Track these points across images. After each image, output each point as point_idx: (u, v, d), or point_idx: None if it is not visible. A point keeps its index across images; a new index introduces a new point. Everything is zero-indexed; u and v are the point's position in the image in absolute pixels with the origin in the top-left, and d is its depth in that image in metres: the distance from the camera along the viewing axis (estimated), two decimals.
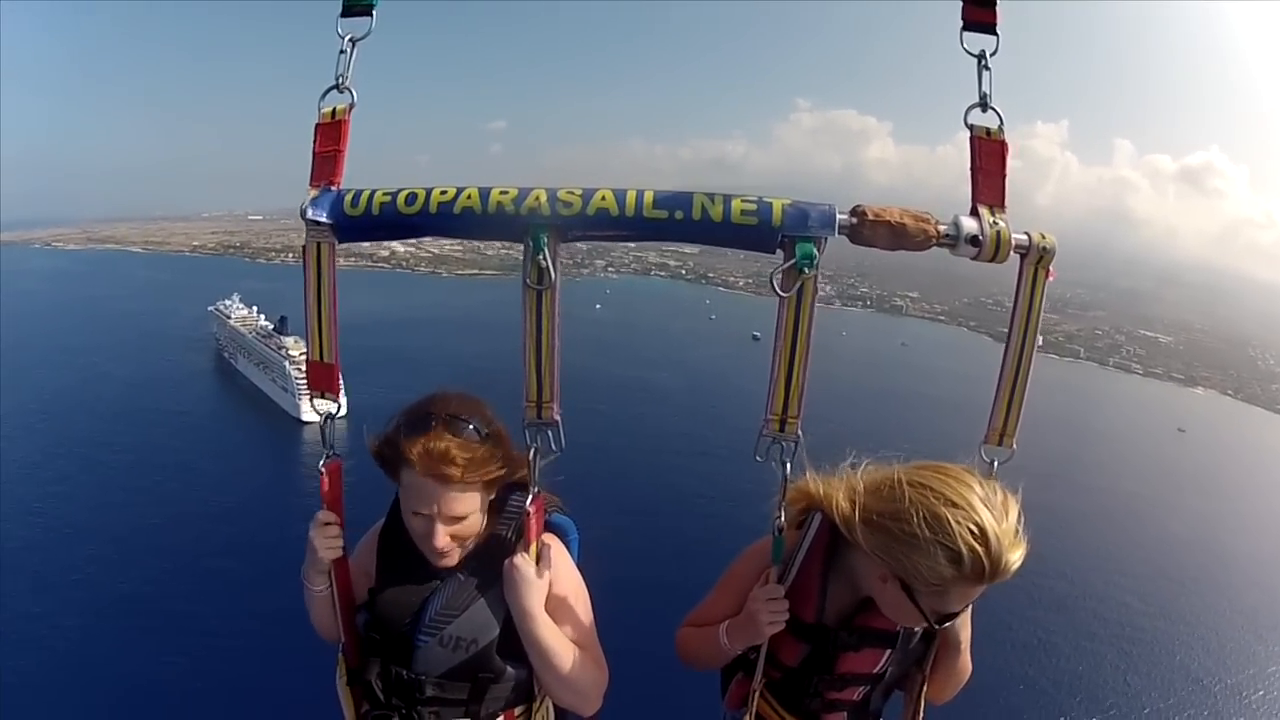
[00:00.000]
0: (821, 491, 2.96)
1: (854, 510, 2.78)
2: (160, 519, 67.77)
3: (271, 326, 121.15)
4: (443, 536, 2.85)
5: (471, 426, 2.85)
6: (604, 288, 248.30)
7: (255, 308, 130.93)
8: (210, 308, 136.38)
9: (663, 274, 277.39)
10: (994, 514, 2.56)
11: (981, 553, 2.49)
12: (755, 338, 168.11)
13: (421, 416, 2.86)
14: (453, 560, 2.97)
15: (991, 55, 2.82)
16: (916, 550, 2.57)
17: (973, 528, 2.51)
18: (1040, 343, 2.89)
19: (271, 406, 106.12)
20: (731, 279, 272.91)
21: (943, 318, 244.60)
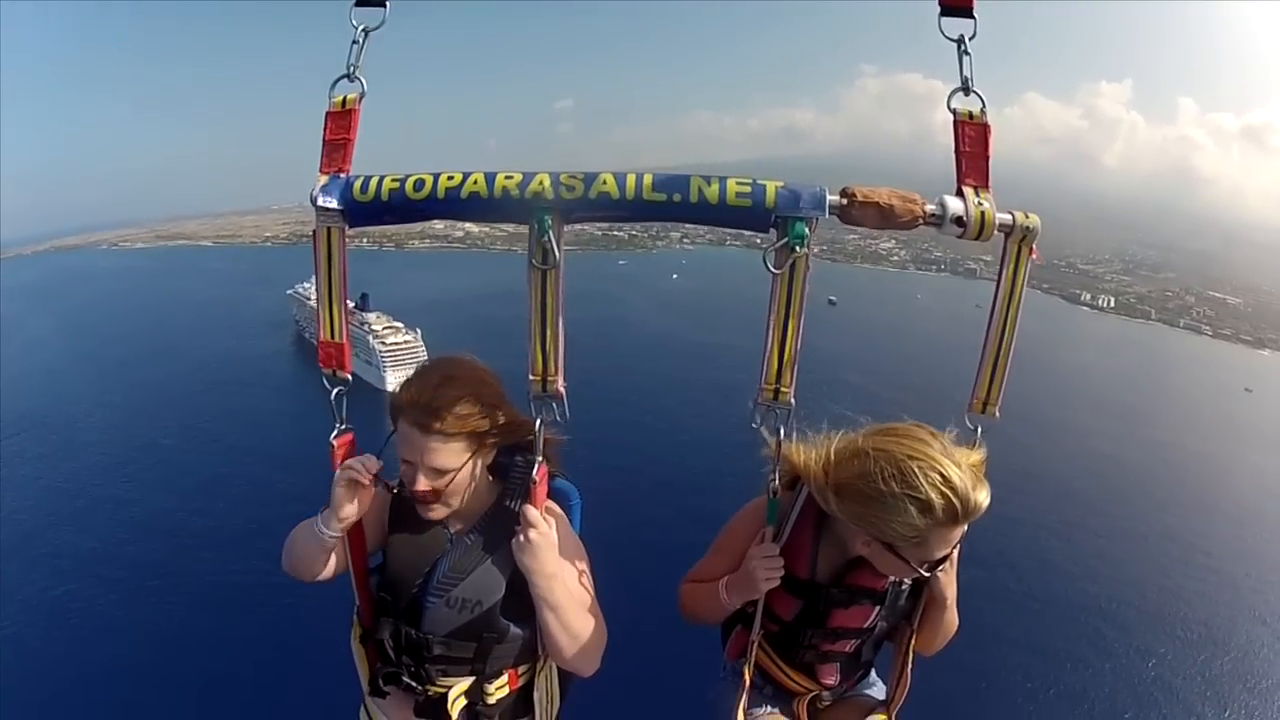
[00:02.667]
0: (801, 462, 3.03)
1: (827, 481, 2.89)
2: (265, 493, 68.70)
3: (353, 304, 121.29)
4: (423, 483, 2.91)
5: (466, 386, 2.92)
6: (680, 258, 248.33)
7: None
8: (289, 291, 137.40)
9: (738, 244, 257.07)
10: (953, 460, 2.67)
11: (950, 496, 2.61)
12: (831, 302, 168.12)
13: (422, 372, 3.00)
14: (439, 515, 3.05)
15: (971, 39, 2.83)
16: (887, 509, 2.69)
17: (937, 477, 2.62)
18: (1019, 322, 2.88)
19: (355, 380, 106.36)
20: None
21: None
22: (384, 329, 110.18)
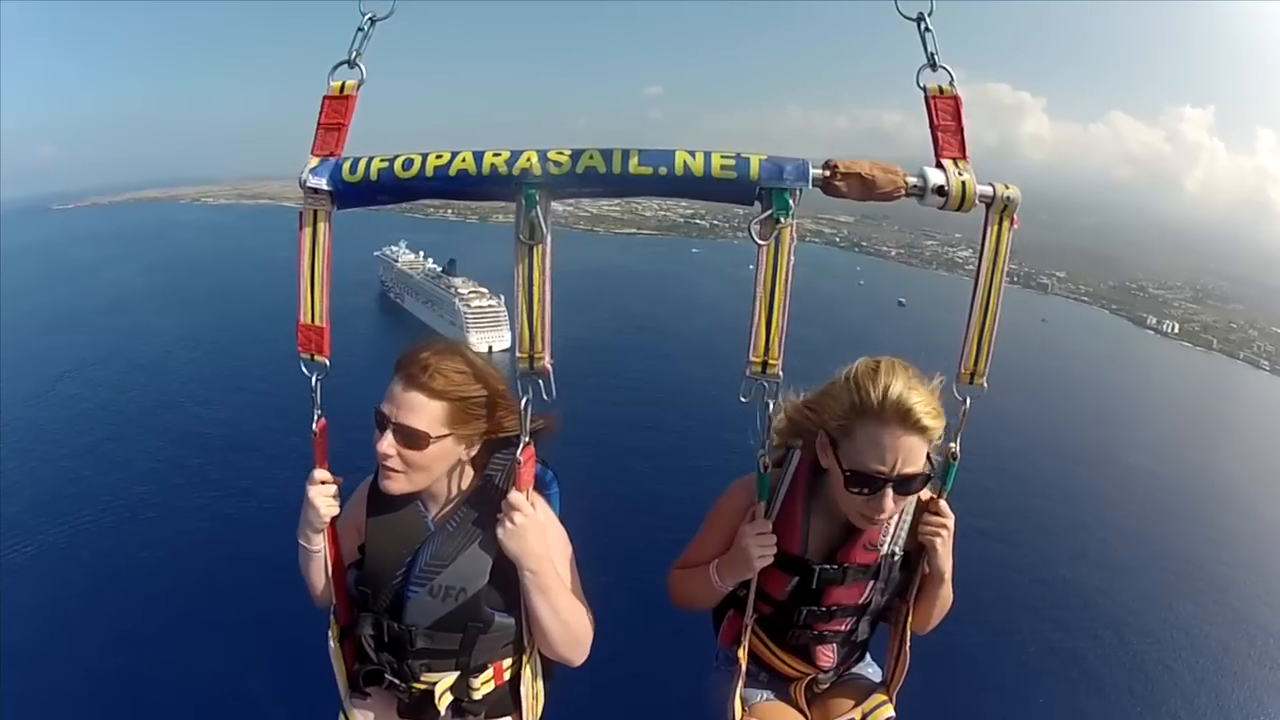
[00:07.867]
0: (802, 418, 3.12)
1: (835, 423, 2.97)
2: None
3: (440, 269, 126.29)
4: (387, 442, 2.79)
5: (472, 364, 2.90)
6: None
7: (422, 253, 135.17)
8: (376, 253, 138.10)
9: (817, 241, 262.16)
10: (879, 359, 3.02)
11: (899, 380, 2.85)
12: (901, 304, 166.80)
13: (434, 339, 2.98)
14: (397, 486, 2.88)
15: (930, 15, 2.79)
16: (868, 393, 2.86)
17: (893, 361, 2.98)
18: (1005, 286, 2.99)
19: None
20: (884, 249, 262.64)
21: (1086, 298, 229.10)
22: (469, 293, 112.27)
